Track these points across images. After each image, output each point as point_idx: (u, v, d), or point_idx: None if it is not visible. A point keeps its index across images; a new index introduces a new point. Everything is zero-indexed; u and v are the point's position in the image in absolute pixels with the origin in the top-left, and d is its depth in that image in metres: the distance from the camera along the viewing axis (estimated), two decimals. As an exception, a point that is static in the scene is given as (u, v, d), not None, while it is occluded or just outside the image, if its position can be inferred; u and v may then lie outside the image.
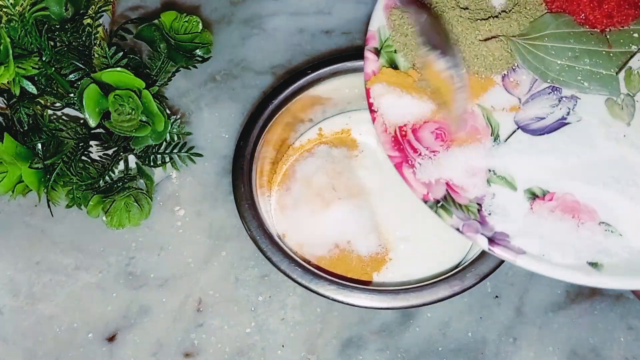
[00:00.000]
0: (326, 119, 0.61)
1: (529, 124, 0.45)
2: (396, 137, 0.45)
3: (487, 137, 0.45)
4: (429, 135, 0.45)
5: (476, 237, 0.41)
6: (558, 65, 0.46)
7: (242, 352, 0.51)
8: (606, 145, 0.44)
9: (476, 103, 0.46)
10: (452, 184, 0.44)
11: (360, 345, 0.51)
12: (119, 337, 0.52)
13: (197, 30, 0.48)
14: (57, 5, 0.44)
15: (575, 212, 0.42)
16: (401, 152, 0.44)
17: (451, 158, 0.44)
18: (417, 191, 0.43)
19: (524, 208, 0.43)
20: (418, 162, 0.44)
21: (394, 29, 0.48)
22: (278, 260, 0.49)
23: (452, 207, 0.42)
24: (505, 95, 0.46)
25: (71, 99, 0.46)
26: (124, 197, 0.47)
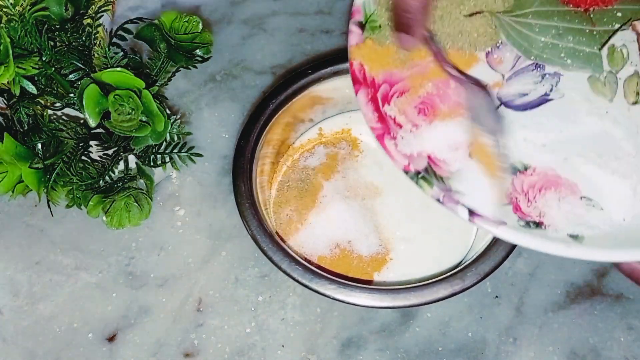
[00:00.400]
0: (326, 118, 0.61)
1: (512, 100, 0.45)
2: (379, 109, 0.44)
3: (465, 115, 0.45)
4: (412, 110, 0.45)
5: (457, 208, 0.41)
6: (542, 43, 0.46)
7: (242, 352, 0.51)
8: (588, 121, 0.44)
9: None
10: (434, 157, 0.44)
11: (360, 345, 0.51)
12: (119, 337, 0.52)
13: (197, 30, 0.48)
14: (57, 5, 0.44)
15: (556, 186, 0.43)
16: (383, 124, 0.44)
17: (433, 132, 0.44)
18: (398, 162, 0.43)
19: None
20: (400, 135, 0.44)
21: (379, 4, 0.47)
22: (279, 260, 0.49)
23: (433, 178, 0.42)
24: (489, 72, 0.46)
25: (71, 99, 0.46)
26: (124, 197, 0.47)
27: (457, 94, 0.45)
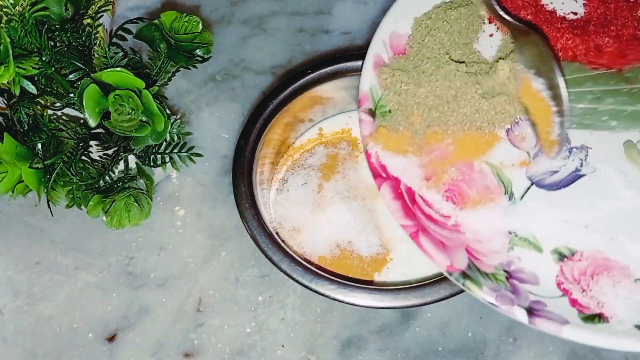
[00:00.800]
0: (326, 118, 0.61)
1: (543, 179, 0.43)
2: (406, 204, 0.43)
3: (501, 196, 0.43)
4: (439, 198, 0.43)
5: (513, 310, 0.39)
6: (580, 110, 0.44)
7: (242, 352, 0.51)
8: (626, 195, 0.42)
9: (484, 160, 0.44)
10: (472, 249, 0.42)
11: (360, 345, 0.51)
12: (119, 337, 0.52)
13: (197, 30, 0.48)
14: (57, 5, 0.44)
15: (608, 270, 0.40)
16: (414, 220, 0.42)
17: (466, 222, 0.42)
18: (440, 263, 0.40)
19: (554, 270, 0.41)
20: (433, 229, 0.42)
21: (386, 87, 0.46)
22: (279, 260, 0.49)
23: (479, 276, 0.40)
24: (513, 150, 0.44)
25: (71, 99, 0.46)
26: (124, 197, 0.47)
27: (483, 177, 0.44)
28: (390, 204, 0.42)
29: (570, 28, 0.46)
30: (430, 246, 0.41)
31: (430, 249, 0.41)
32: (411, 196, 0.43)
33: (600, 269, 0.41)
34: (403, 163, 0.44)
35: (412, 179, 0.43)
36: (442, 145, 0.44)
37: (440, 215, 0.43)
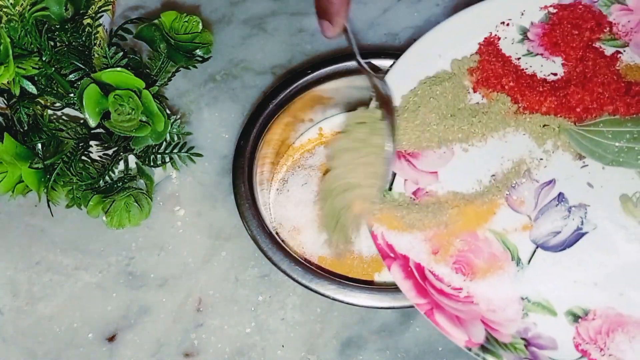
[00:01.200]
0: (326, 118, 0.61)
1: (547, 241, 0.44)
2: (417, 282, 0.43)
3: (509, 262, 0.43)
4: (449, 271, 0.43)
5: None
6: (617, 148, 0.45)
7: (242, 352, 0.51)
8: (630, 249, 0.43)
9: (487, 228, 0.44)
10: (487, 320, 0.42)
11: (360, 345, 0.51)
12: (119, 337, 0.52)
13: (197, 30, 0.48)
14: (57, 5, 0.44)
15: (622, 326, 0.41)
16: (427, 297, 0.42)
17: (478, 292, 0.43)
18: (458, 338, 0.41)
19: (570, 332, 0.41)
20: (446, 304, 0.42)
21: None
22: (278, 260, 0.49)
23: (499, 348, 0.41)
24: (514, 215, 0.45)
25: (71, 99, 0.46)
26: (124, 197, 0.47)
27: (488, 245, 0.44)
28: (402, 284, 0.43)
29: (552, 90, 0.48)
30: (446, 322, 0.41)
31: (446, 326, 0.41)
32: (421, 273, 0.44)
33: (615, 325, 0.41)
34: (409, 239, 0.44)
35: (420, 255, 0.44)
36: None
37: (451, 288, 0.43)
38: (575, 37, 0.49)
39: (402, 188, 0.47)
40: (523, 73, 0.49)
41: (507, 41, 0.51)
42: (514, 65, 0.49)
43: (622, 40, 0.50)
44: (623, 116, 0.46)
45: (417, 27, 0.65)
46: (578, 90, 0.47)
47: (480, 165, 0.47)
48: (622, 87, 0.47)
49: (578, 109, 0.47)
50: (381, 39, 0.64)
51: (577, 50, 0.49)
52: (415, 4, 0.66)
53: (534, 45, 0.50)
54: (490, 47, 0.50)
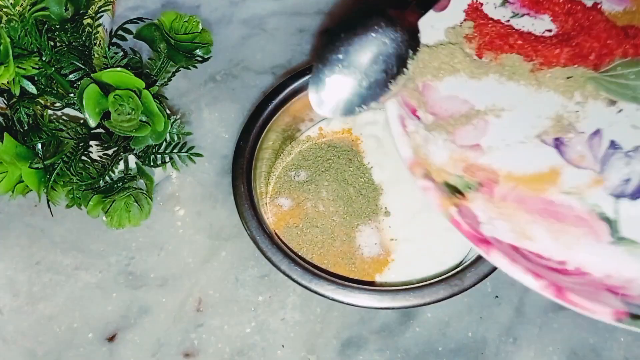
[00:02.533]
0: (326, 118, 0.61)
1: (623, 190, 0.43)
2: (526, 263, 0.39)
3: (597, 221, 0.42)
4: (544, 245, 0.41)
5: None
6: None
7: (242, 352, 0.51)
8: None
9: (560, 192, 0.43)
10: (611, 287, 0.39)
11: (360, 345, 0.51)
12: (119, 337, 0.52)
13: (197, 30, 0.48)
14: (57, 5, 0.44)
15: None
16: (544, 279, 0.38)
17: (583, 260, 0.41)
18: (603, 312, 0.37)
19: None
20: (564, 280, 0.39)
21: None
22: (278, 260, 0.49)
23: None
24: (580, 172, 0.44)
25: (71, 99, 0.46)
26: (124, 197, 0.47)
27: (570, 209, 0.43)
28: (512, 271, 0.39)
29: (562, 41, 0.47)
30: (583, 300, 0.37)
31: (585, 303, 0.37)
32: (522, 254, 0.41)
33: None
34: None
35: (505, 234, 0.41)
36: (509, 190, 0.43)
37: (557, 262, 0.40)
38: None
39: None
40: (523, 32, 0.48)
41: (489, 6, 0.49)
42: (511, 25, 0.48)
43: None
44: (634, 57, 0.45)
45: (417, 27, 0.65)
46: (587, 39, 0.46)
47: (519, 128, 0.45)
48: (621, 32, 0.46)
49: (591, 56, 0.46)
50: (381, 39, 0.65)
51: (561, 5, 0.48)
52: (415, 4, 0.66)
53: (516, 7, 0.50)
54: (477, 13, 0.49)
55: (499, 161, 0.44)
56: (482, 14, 0.49)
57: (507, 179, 0.44)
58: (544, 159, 0.44)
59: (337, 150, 0.59)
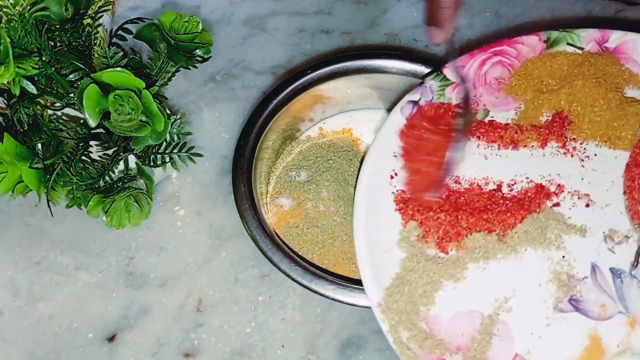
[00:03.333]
0: (327, 118, 0.61)
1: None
2: None
3: None
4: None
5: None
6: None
7: (242, 352, 0.51)
8: None
9: (615, 357, 0.43)
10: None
11: (360, 345, 0.51)
12: (119, 337, 0.52)
13: (197, 30, 0.48)
14: (57, 5, 0.44)
15: None
16: None
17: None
18: None
19: None
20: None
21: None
22: (278, 260, 0.49)
23: None
24: (615, 323, 0.44)
25: (71, 99, 0.46)
26: (124, 197, 0.47)
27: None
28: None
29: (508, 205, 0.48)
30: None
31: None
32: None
33: None
34: None
35: None
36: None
37: None
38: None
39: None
40: (466, 208, 0.48)
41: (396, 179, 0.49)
42: (455, 210, 0.47)
43: None
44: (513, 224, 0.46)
45: (417, 27, 0.65)
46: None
47: (534, 311, 0.44)
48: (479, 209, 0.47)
49: (537, 201, 0.47)
50: (381, 39, 0.64)
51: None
52: (415, 4, 0.66)
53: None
54: (405, 199, 0.49)
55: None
56: (408, 200, 0.48)
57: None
58: (577, 330, 0.43)
59: (337, 150, 0.59)
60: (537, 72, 0.51)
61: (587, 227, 0.46)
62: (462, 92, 0.50)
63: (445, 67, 0.51)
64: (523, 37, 0.52)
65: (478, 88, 0.51)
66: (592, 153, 0.48)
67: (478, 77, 0.51)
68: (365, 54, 0.57)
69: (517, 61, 0.52)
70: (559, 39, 0.52)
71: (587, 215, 0.46)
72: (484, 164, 0.49)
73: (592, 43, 0.52)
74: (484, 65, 0.52)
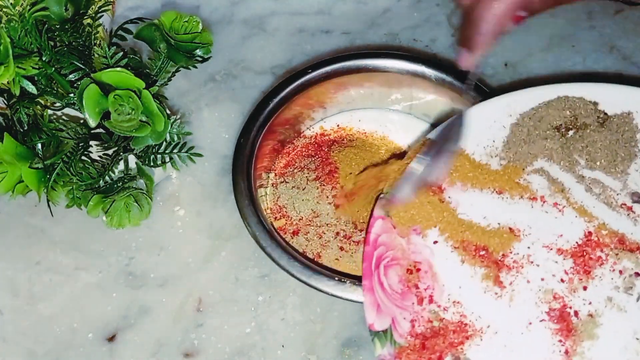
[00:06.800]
0: (327, 117, 0.61)
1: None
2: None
3: None
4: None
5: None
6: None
7: (242, 352, 0.51)
8: None
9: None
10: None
11: (360, 345, 0.51)
12: (119, 337, 0.52)
13: (197, 30, 0.48)
14: (57, 5, 0.44)
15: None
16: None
17: None
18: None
19: None
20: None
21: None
22: (278, 257, 0.49)
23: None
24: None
25: (71, 99, 0.46)
26: (124, 197, 0.47)
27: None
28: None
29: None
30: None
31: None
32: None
33: None
34: None
35: None
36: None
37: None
38: None
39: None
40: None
41: None
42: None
43: None
44: None
45: (417, 27, 0.65)
46: None
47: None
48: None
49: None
50: (381, 39, 0.65)
51: None
52: (415, 4, 0.66)
53: None
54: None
55: None
56: None
57: None
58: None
59: (338, 148, 0.59)
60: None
61: None
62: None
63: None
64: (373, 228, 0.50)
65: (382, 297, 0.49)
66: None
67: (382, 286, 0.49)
68: (365, 54, 0.57)
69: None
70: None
71: None
72: None
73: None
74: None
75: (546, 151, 0.50)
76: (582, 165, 0.50)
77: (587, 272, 0.46)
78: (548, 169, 0.50)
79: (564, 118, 0.51)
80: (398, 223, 0.48)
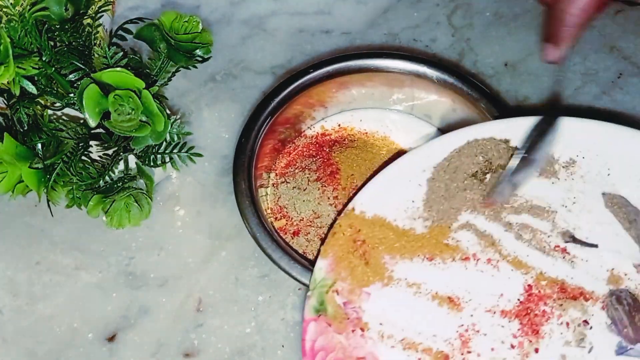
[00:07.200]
0: (328, 117, 0.61)
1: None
2: None
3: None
4: None
5: None
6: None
7: (242, 352, 0.51)
8: None
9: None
10: None
11: (360, 345, 0.51)
12: (119, 337, 0.52)
13: (197, 30, 0.48)
14: (57, 5, 0.44)
15: None
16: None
17: None
18: None
19: None
20: None
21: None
22: (278, 257, 0.49)
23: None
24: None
25: (71, 99, 0.46)
26: (124, 197, 0.47)
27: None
28: None
29: None
30: None
31: None
32: None
33: None
34: None
35: None
36: None
37: None
38: None
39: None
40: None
41: None
42: None
43: None
44: None
45: (417, 27, 0.65)
46: None
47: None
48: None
49: None
50: (381, 39, 0.65)
51: None
52: (415, 4, 0.66)
53: None
54: None
55: None
56: None
57: None
58: None
59: (339, 148, 0.59)
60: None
61: None
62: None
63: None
64: None
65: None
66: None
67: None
68: (368, 53, 0.57)
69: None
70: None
71: None
72: None
73: None
74: None
75: (468, 202, 0.49)
76: (507, 211, 0.48)
77: (535, 332, 0.45)
78: (474, 222, 0.48)
79: (478, 164, 0.49)
80: (334, 317, 0.46)
